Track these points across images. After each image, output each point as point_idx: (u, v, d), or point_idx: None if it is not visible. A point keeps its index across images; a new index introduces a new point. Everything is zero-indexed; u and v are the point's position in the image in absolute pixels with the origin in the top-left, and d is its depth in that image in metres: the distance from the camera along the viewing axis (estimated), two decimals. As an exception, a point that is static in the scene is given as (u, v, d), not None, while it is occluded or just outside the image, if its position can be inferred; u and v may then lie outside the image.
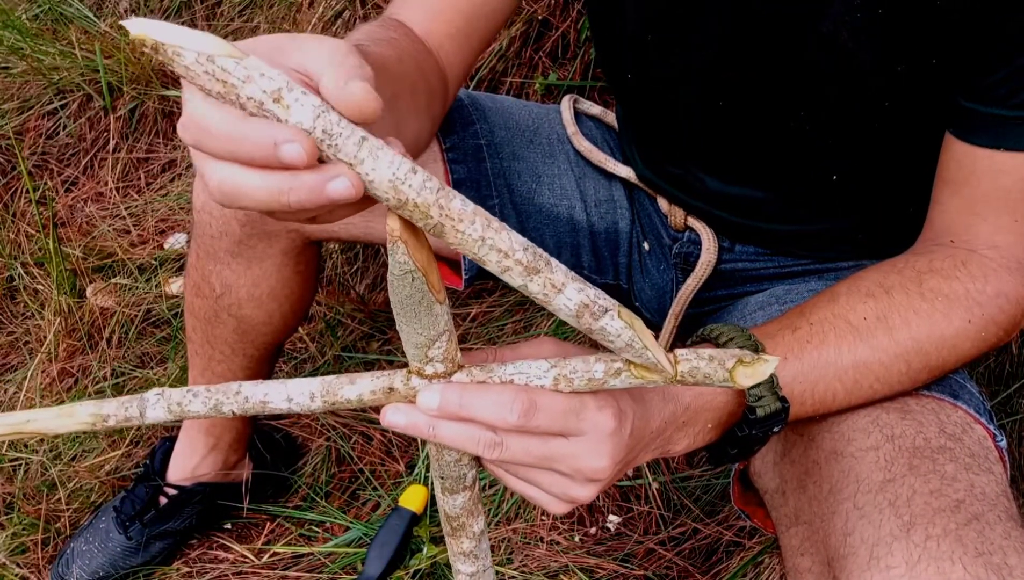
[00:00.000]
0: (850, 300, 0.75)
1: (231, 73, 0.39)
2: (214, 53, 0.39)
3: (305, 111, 0.40)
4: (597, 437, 0.57)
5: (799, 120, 0.83)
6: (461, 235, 0.44)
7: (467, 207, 0.44)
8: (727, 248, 1.03)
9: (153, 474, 1.32)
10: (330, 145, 0.41)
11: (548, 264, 0.46)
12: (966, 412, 0.78)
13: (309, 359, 1.61)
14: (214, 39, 0.39)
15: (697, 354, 0.52)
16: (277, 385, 0.54)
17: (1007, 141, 0.72)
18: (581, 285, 0.48)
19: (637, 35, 0.88)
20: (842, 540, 0.67)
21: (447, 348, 0.52)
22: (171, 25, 0.39)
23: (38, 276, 1.76)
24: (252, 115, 0.41)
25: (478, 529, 0.68)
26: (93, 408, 0.53)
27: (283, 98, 0.40)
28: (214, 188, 0.45)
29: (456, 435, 0.55)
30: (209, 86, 0.39)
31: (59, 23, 2.08)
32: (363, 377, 0.54)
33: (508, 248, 0.45)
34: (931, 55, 0.73)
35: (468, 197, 0.42)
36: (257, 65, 0.39)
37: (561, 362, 0.54)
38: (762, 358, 0.52)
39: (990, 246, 0.75)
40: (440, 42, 0.89)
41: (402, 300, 0.49)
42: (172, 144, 1.97)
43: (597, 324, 0.48)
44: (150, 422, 0.54)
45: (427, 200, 0.43)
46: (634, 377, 0.53)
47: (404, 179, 0.42)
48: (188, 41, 0.38)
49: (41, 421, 0.53)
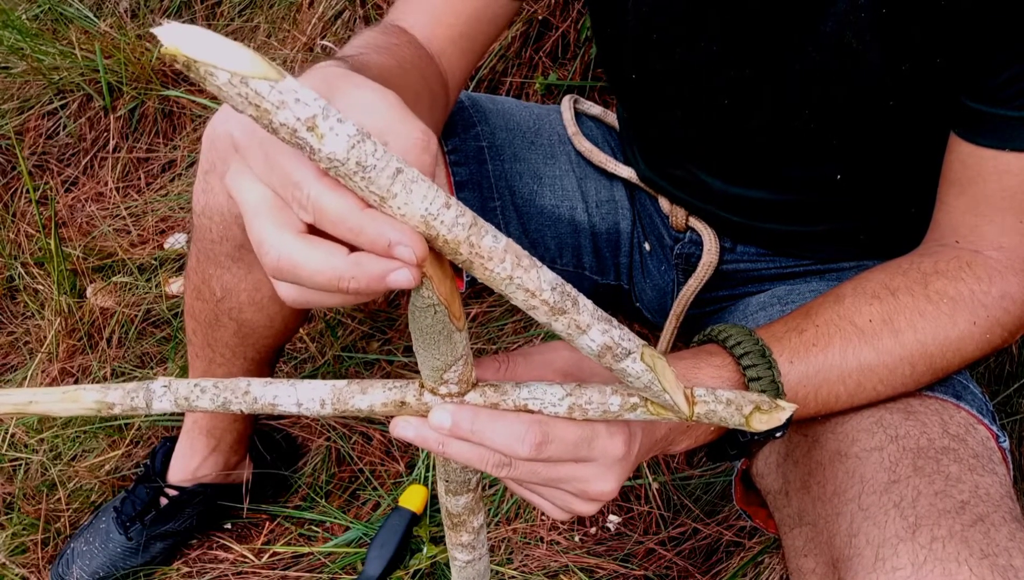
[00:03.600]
0: (856, 302, 0.75)
1: (265, 98, 0.37)
2: (248, 74, 0.37)
3: (340, 141, 0.38)
4: (607, 463, 0.57)
5: (803, 119, 0.83)
6: (490, 273, 0.43)
7: (498, 244, 0.43)
8: (728, 248, 1.03)
9: (154, 475, 1.32)
10: (363, 177, 0.40)
11: (575, 304, 0.46)
12: (969, 413, 0.78)
13: (309, 359, 1.61)
14: (250, 55, 0.37)
15: (715, 396, 0.52)
16: (287, 387, 0.53)
17: (1012, 142, 0.72)
18: (606, 326, 0.47)
19: (640, 35, 0.88)
20: (847, 541, 0.67)
21: (463, 371, 0.52)
22: (205, 33, 0.36)
23: (38, 276, 1.76)
24: (286, 142, 0.40)
25: (478, 524, 0.69)
26: (98, 394, 0.52)
27: (318, 127, 0.38)
28: (271, 261, 0.43)
29: (465, 454, 0.55)
30: (242, 108, 0.38)
31: (59, 23, 2.08)
32: (375, 387, 0.54)
33: (536, 288, 0.44)
34: (935, 55, 0.73)
35: (470, 199, 0.42)
36: (292, 88, 0.38)
37: (577, 390, 0.53)
38: (779, 406, 0.52)
39: (995, 247, 0.75)
40: (442, 47, 0.89)
41: (422, 329, 0.48)
42: (172, 144, 1.97)
43: (619, 365, 0.48)
44: (156, 412, 0.52)
45: (458, 237, 0.42)
46: (649, 413, 0.52)
47: (436, 215, 0.41)
48: (223, 57, 0.36)
49: (44, 403, 0.51)
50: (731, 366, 0.71)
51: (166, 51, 0.35)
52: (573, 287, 0.46)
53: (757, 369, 0.69)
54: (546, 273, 0.45)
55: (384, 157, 0.40)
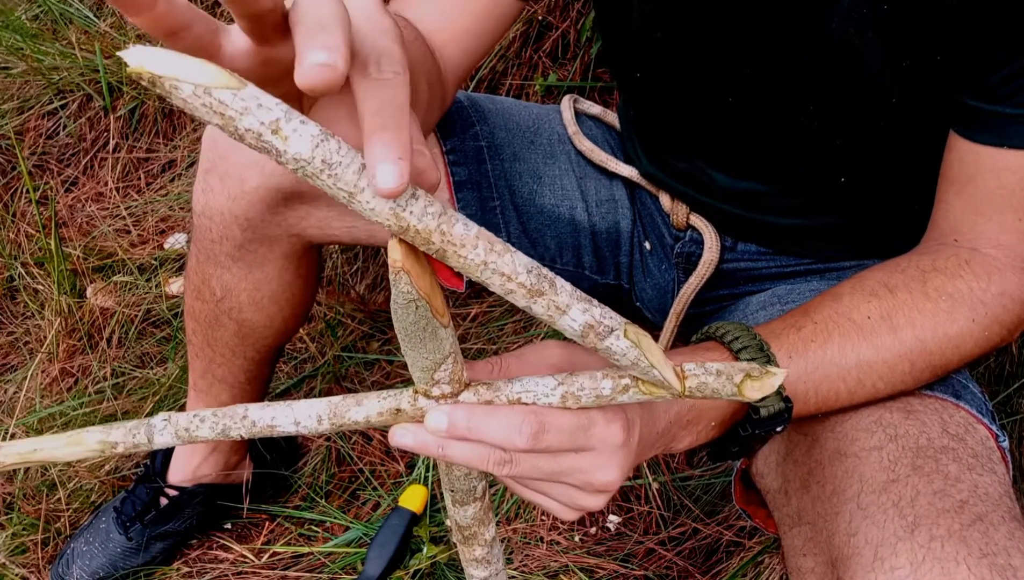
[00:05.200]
0: (854, 299, 0.75)
1: (228, 105, 0.38)
2: (211, 85, 0.38)
3: (303, 141, 0.39)
4: (607, 451, 0.57)
5: (808, 115, 0.83)
6: (463, 260, 0.44)
7: (470, 231, 0.44)
8: (729, 247, 1.03)
9: (154, 475, 1.32)
10: (330, 175, 0.40)
11: (552, 286, 0.46)
12: (968, 412, 0.78)
13: (309, 359, 1.61)
14: (213, 68, 0.38)
15: (705, 369, 0.52)
16: (284, 408, 0.54)
17: (1011, 139, 0.72)
18: (586, 305, 0.47)
19: (645, 32, 0.88)
20: (846, 541, 0.67)
21: (453, 370, 0.52)
22: (169, 53, 0.38)
23: (38, 276, 1.76)
24: (252, 147, 0.40)
25: (490, 536, 0.68)
26: (101, 435, 0.53)
27: (281, 129, 0.39)
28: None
29: (465, 454, 0.55)
30: (208, 118, 0.39)
31: (59, 23, 2.08)
32: (370, 398, 0.54)
33: (511, 272, 0.45)
34: (936, 52, 0.73)
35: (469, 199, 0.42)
36: (254, 95, 0.39)
37: (568, 378, 0.54)
38: (769, 371, 0.52)
39: (994, 245, 0.75)
40: (444, 42, 0.89)
41: (406, 327, 0.48)
42: (172, 144, 1.97)
43: (603, 344, 0.48)
44: (158, 447, 0.54)
45: (428, 226, 0.42)
46: (642, 393, 0.52)
47: (405, 206, 0.42)
48: (185, 72, 0.38)
49: (49, 450, 0.53)
50: (728, 360, 0.71)
51: (131, 70, 0.37)
52: (550, 270, 0.47)
53: (755, 363, 0.69)
54: (521, 257, 0.45)
55: (348, 153, 0.41)
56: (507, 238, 1.06)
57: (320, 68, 0.39)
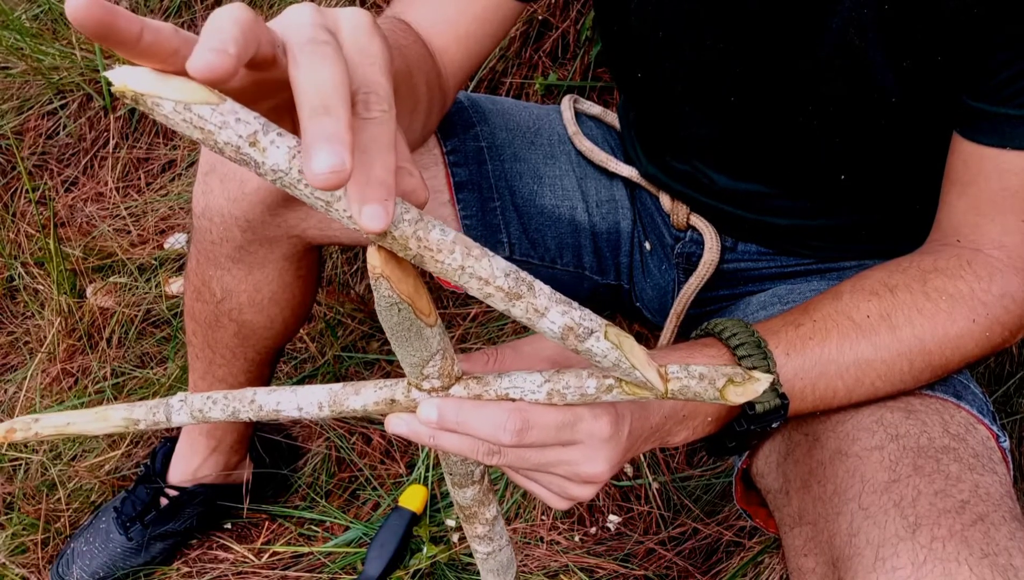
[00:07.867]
0: (854, 298, 0.75)
1: (207, 120, 0.40)
2: (191, 101, 0.39)
3: (280, 153, 0.40)
4: (593, 445, 0.58)
5: (808, 115, 0.83)
6: (441, 265, 0.44)
7: (446, 237, 0.44)
8: (729, 247, 1.03)
9: (154, 475, 1.32)
10: (307, 185, 0.41)
11: (531, 289, 0.47)
12: (969, 412, 0.78)
13: (309, 359, 1.61)
14: (193, 85, 0.39)
15: (688, 372, 0.53)
16: (288, 393, 0.57)
17: (1014, 140, 0.72)
18: (565, 307, 0.48)
19: (645, 33, 0.88)
20: (847, 541, 0.67)
21: (442, 366, 0.54)
22: (151, 72, 0.40)
23: (38, 276, 1.76)
24: (232, 159, 0.41)
25: (490, 515, 0.71)
26: (125, 412, 0.56)
27: (259, 141, 0.40)
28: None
29: (456, 444, 0.57)
30: (189, 133, 0.40)
31: (59, 23, 2.08)
32: (367, 387, 0.56)
33: (489, 275, 0.45)
34: (936, 53, 0.73)
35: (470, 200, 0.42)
36: (232, 110, 0.40)
37: (555, 376, 0.55)
38: (753, 377, 0.53)
39: (996, 246, 0.75)
40: (445, 45, 0.89)
41: (392, 327, 0.50)
42: (172, 144, 1.97)
43: (583, 346, 0.49)
44: (176, 425, 0.57)
45: (405, 233, 0.43)
46: (625, 393, 0.53)
47: None
48: (166, 90, 0.39)
49: (80, 423, 0.56)
50: (726, 356, 0.71)
51: (116, 89, 0.39)
52: (530, 274, 0.47)
53: (752, 359, 0.69)
54: (499, 261, 0.46)
55: None
56: (508, 238, 1.06)
57: (329, 175, 0.37)
